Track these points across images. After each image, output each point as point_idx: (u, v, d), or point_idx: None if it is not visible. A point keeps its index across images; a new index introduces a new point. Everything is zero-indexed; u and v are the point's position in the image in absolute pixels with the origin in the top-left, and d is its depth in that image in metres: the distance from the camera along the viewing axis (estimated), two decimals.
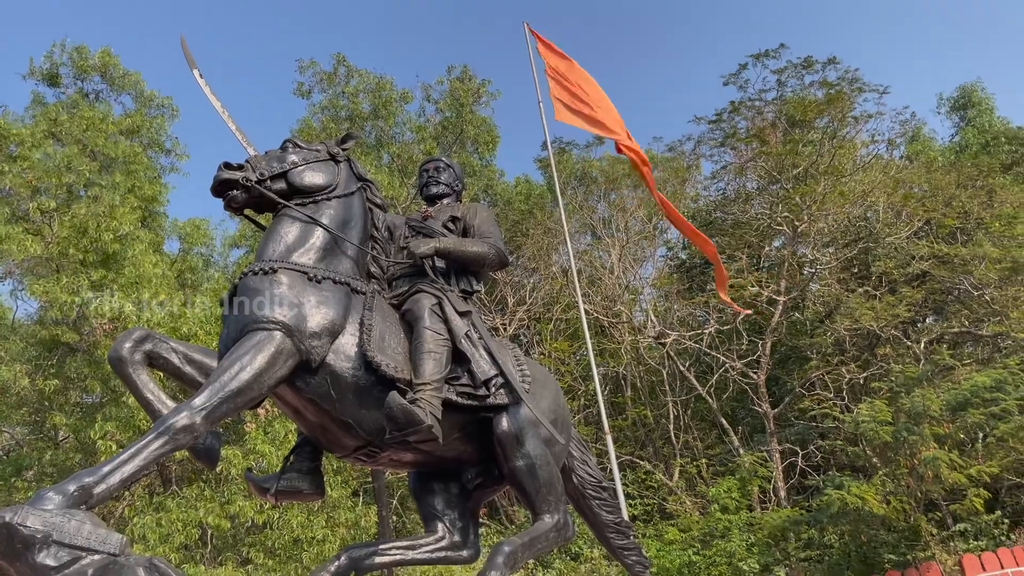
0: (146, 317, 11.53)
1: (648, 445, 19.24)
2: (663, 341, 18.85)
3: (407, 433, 3.98)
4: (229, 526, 11.55)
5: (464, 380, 4.45)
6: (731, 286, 18.28)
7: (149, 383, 4.06)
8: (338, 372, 4.16)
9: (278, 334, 4.01)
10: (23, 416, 14.01)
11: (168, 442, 3.63)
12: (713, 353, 18.48)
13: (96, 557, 3.20)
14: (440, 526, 4.75)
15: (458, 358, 4.45)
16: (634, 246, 23.17)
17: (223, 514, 11.39)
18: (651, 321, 19.83)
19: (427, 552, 4.67)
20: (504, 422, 4.51)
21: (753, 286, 18.01)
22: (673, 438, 18.61)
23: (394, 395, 3.97)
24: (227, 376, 3.85)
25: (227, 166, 4.62)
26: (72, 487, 3.37)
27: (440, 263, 4.92)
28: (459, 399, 4.40)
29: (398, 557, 4.62)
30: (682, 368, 18.80)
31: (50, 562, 3.12)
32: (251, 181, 4.55)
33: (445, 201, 5.46)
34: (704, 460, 17.69)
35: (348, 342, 4.23)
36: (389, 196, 15.93)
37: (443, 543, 4.69)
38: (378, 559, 4.52)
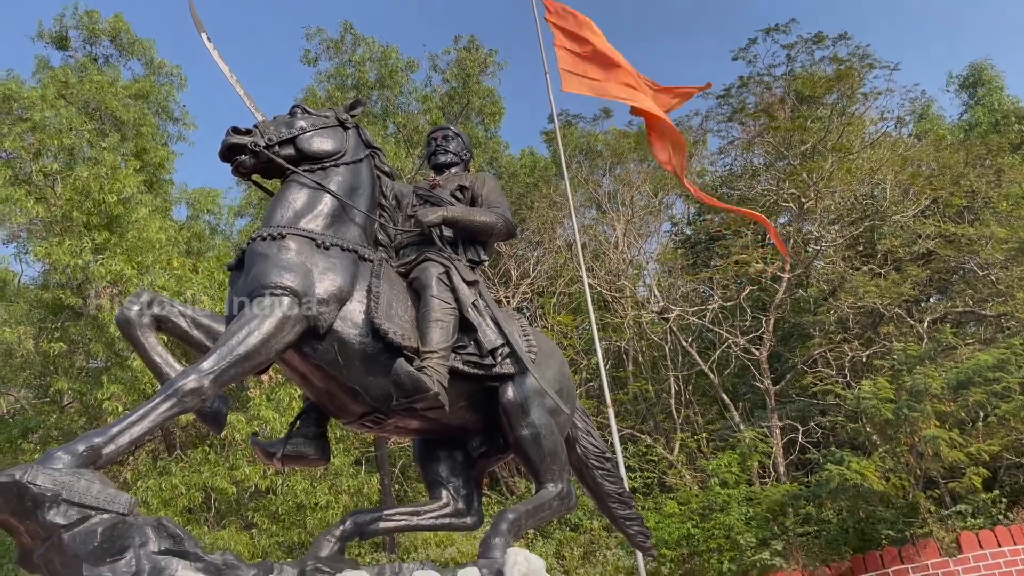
0: (148, 281, 11.55)
1: (649, 419, 19.32)
2: (666, 316, 18.86)
3: (414, 400, 4.01)
4: (234, 491, 11.67)
5: (471, 349, 4.47)
6: (736, 262, 18.29)
7: (157, 346, 4.08)
8: (345, 339, 4.18)
9: (286, 299, 4.03)
10: (27, 379, 14.09)
11: (176, 404, 3.67)
12: (716, 329, 18.50)
13: (105, 516, 3.24)
14: (444, 493, 4.79)
15: (465, 327, 4.47)
16: (639, 221, 23.09)
17: (228, 478, 11.50)
18: (654, 296, 19.83)
19: (431, 518, 4.72)
20: (510, 391, 4.53)
21: (758, 263, 17.98)
22: (674, 412, 18.68)
23: (401, 362, 3.99)
24: (235, 340, 3.88)
25: (236, 131, 4.61)
26: (82, 447, 3.40)
27: (448, 232, 4.92)
28: (465, 368, 4.42)
29: (403, 523, 4.67)
30: (684, 344, 18.83)
31: (60, 520, 3.16)
32: (259, 146, 4.55)
33: (453, 170, 5.44)
34: (704, 435, 17.77)
35: (355, 309, 4.24)
36: (394, 167, 15.81)
37: (447, 510, 4.74)
38: (382, 524, 4.57)
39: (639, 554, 8.81)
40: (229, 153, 4.58)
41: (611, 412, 8.93)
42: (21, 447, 12.65)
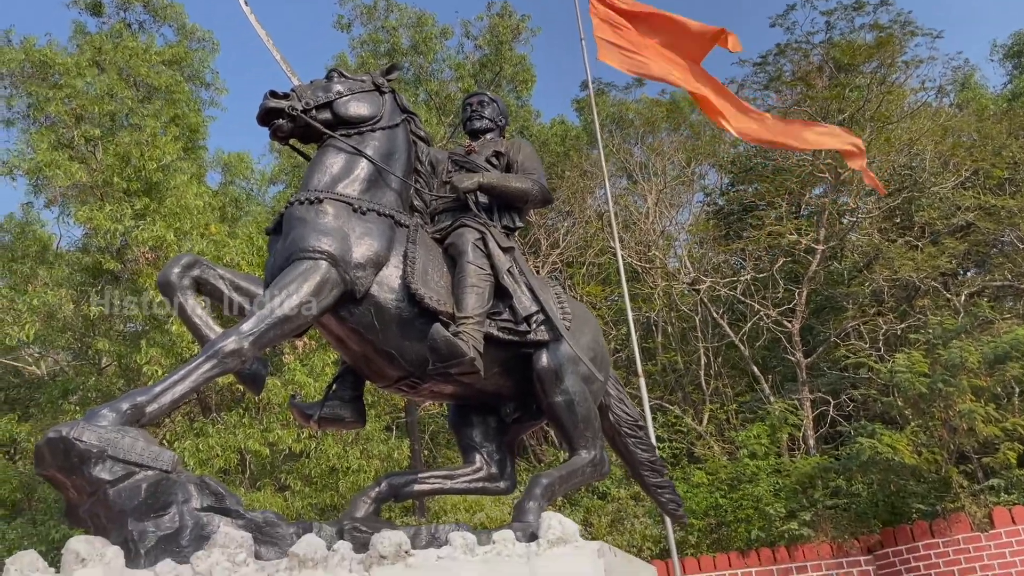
0: (187, 246, 11.71)
1: (678, 390, 19.30)
2: (697, 287, 18.74)
3: (449, 365, 4.04)
4: (268, 453, 11.88)
5: (506, 315, 4.48)
6: (769, 233, 18.10)
7: (197, 308, 4.14)
8: (382, 303, 4.22)
9: (324, 263, 4.07)
10: (68, 341, 14.38)
11: (217, 365, 3.74)
12: (747, 301, 18.36)
13: (149, 473, 3.32)
14: (478, 457, 4.84)
15: (500, 293, 4.48)
16: (671, 191, 22.88)
17: (262, 441, 11.72)
18: (685, 267, 19.70)
19: (465, 482, 4.77)
20: (544, 358, 4.54)
21: (792, 234, 17.78)
22: (703, 384, 18.64)
23: (438, 327, 4.02)
24: (275, 303, 3.94)
25: (273, 95, 4.63)
26: (125, 405, 3.48)
27: (483, 198, 4.91)
28: (500, 334, 4.44)
29: (436, 486, 4.73)
30: (715, 315, 18.71)
31: (105, 476, 3.24)
32: (297, 110, 4.56)
33: (488, 136, 5.42)
34: (734, 406, 17.72)
35: (392, 274, 4.28)
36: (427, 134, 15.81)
37: (480, 474, 4.79)
38: (417, 487, 4.64)
39: (668, 522, 8.85)
40: (267, 117, 4.60)
41: (642, 382, 8.92)
42: (61, 408, 12.93)
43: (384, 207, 4.44)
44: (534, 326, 4.52)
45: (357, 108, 4.71)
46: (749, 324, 18.17)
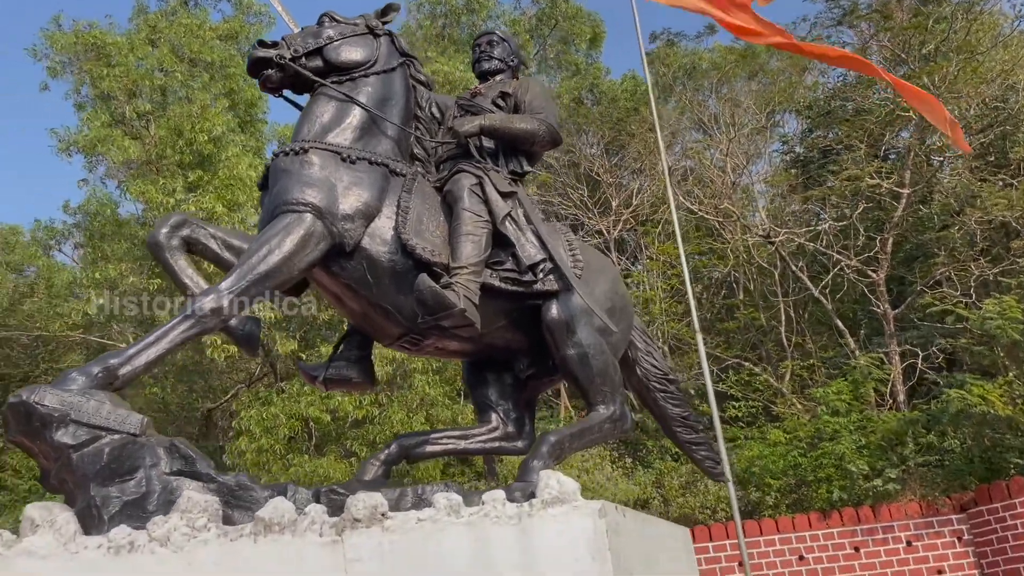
0: (239, 218, 11.82)
1: (759, 347, 18.63)
2: (774, 240, 17.96)
3: (439, 318, 3.79)
4: (329, 419, 11.98)
5: (508, 265, 4.20)
6: (848, 178, 17.13)
7: (187, 268, 4.01)
8: (374, 256, 4.01)
9: (308, 216, 3.89)
10: (134, 315, 14.78)
11: (195, 325, 3.61)
12: (828, 252, 17.49)
13: (115, 437, 3.19)
14: (494, 416, 4.62)
15: (503, 242, 4.20)
16: (746, 141, 21.98)
17: (323, 408, 11.82)
18: (762, 220, 18.90)
19: (480, 442, 4.56)
20: (554, 309, 4.26)
21: (872, 178, 16.78)
22: (784, 340, 17.91)
23: (423, 278, 3.77)
24: (255, 259, 3.79)
25: (261, 44, 4.46)
26: (96, 368, 3.37)
27: (489, 143, 4.62)
28: (503, 284, 4.17)
29: (450, 446, 4.53)
30: (795, 268, 17.91)
31: (68, 440, 3.14)
32: (285, 59, 4.36)
33: (498, 78, 5.10)
34: (816, 362, 16.98)
35: (384, 225, 4.06)
36: None
37: (496, 433, 4.57)
38: (429, 448, 4.44)
39: (730, 484, 8.43)
40: (255, 68, 4.43)
41: (699, 337, 8.46)
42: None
43: (377, 155, 4.21)
44: (541, 275, 4.23)
45: (349, 53, 4.48)
46: (831, 276, 17.31)
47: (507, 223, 4.19)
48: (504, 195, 4.25)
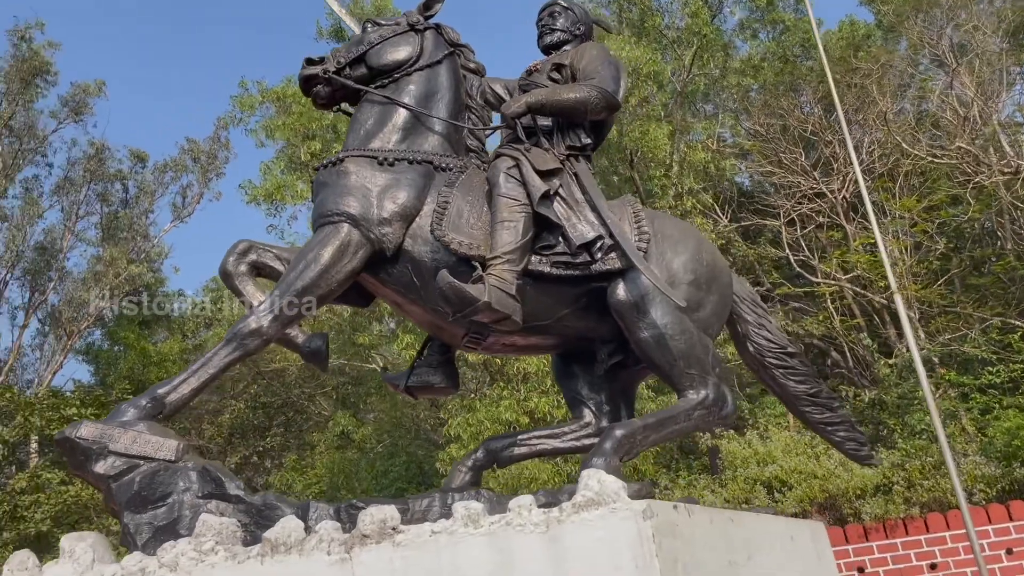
0: None
1: (1022, 302, 16.11)
2: None
3: (465, 313, 3.55)
4: (527, 421, 11.98)
5: (559, 248, 3.87)
6: None
7: (256, 293, 4.10)
8: (416, 258, 3.88)
9: (344, 225, 3.85)
10: (341, 343, 15.80)
11: (237, 348, 3.67)
12: None
13: (149, 465, 3.30)
14: (586, 411, 4.31)
15: (547, 224, 3.87)
16: (991, 68, 19.26)
17: (521, 410, 11.86)
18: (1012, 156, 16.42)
19: (572, 440, 4.26)
20: (620, 290, 3.87)
21: None
22: None
23: (442, 274, 3.56)
24: (293, 275, 3.82)
25: (309, 62, 4.50)
26: (144, 400, 3.52)
27: (545, 120, 4.30)
28: (553, 270, 3.84)
29: (540, 447, 4.28)
30: None
31: (107, 471, 3.29)
32: (330, 72, 4.37)
33: (566, 49, 4.74)
34: None
35: (424, 224, 3.93)
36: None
37: (589, 429, 4.24)
38: (517, 450, 4.23)
39: (951, 463, 7.29)
40: (305, 87, 4.49)
41: (898, 298, 7.42)
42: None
43: (420, 153, 4.09)
44: (599, 255, 3.85)
45: (391, 54, 4.41)
46: None
47: (549, 203, 3.85)
48: (545, 174, 3.91)
